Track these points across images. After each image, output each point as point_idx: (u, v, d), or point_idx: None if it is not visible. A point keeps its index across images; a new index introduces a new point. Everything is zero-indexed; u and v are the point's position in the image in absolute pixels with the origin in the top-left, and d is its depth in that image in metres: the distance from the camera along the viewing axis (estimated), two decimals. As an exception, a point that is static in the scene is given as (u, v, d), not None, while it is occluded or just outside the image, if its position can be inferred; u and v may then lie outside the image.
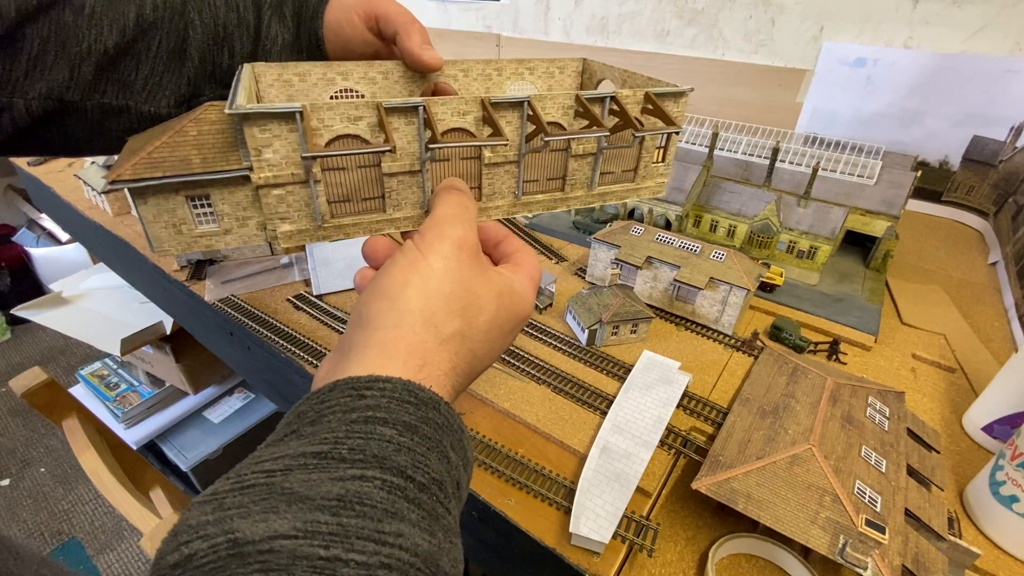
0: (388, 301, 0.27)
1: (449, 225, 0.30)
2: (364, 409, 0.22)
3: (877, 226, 0.82)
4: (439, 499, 0.22)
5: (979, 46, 0.97)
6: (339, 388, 0.24)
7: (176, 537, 0.18)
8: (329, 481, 0.19)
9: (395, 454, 0.21)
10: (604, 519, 0.43)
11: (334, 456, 0.20)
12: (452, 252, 0.29)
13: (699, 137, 0.98)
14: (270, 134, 0.28)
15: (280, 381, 0.70)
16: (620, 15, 1.39)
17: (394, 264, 0.29)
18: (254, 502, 0.18)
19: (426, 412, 0.24)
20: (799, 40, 1.15)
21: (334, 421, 0.22)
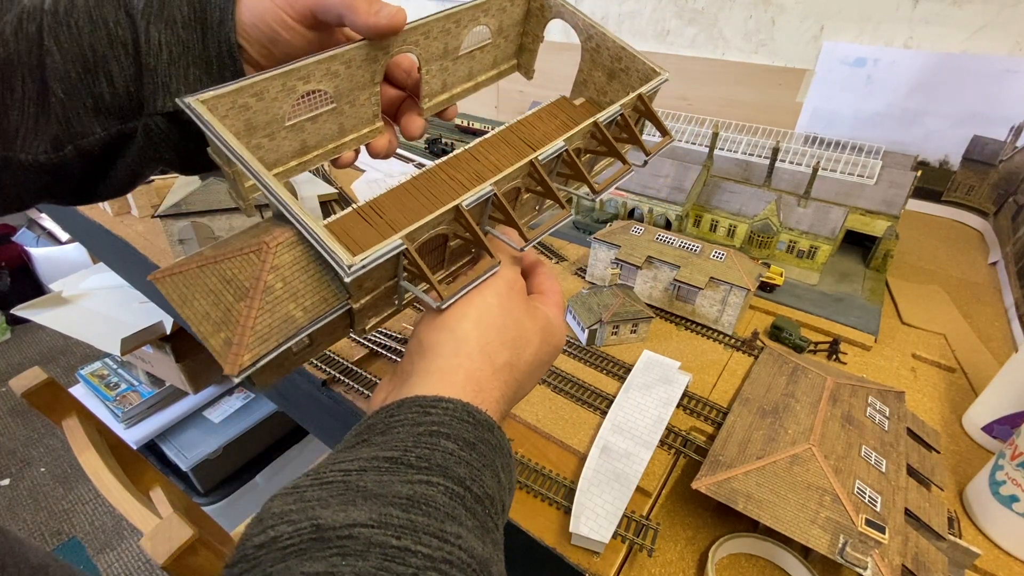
0: (447, 332, 0.29)
1: (503, 267, 0.32)
2: (430, 424, 0.25)
3: (877, 226, 0.82)
4: (490, 513, 0.24)
5: (979, 46, 0.97)
6: (407, 405, 0.26)
7: (261, 522, 0.19)
8: (399, 483, 0.22)
9: (456, 466, 0.23)
10: (604, 519, 0.43)
11: (403, 462, 0.23)
12: (504, 290, 0.31)
13: (699, 137, 0.98)
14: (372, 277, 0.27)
15: (280, 380, 0.70)
16: (620, 14, 1.39)
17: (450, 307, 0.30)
18: (332, 496, 0.20)
19: (482, 432, 0.26)
20: (799, 40, 1.15)
21: (403, 432, 0.24)
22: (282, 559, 0.18)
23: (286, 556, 0.18)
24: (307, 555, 0.18)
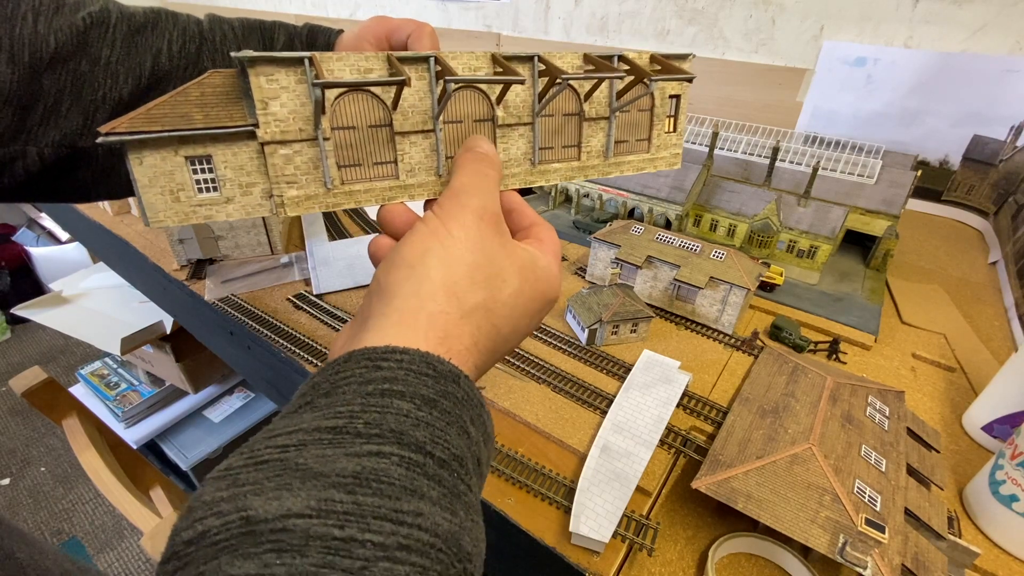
0: (407, 268, 0.26)
1: (468, 195, 0.29)
2: (380, 381, 0.22)
3: (877, 225, 0.82)
4: (460, 476, 0.21)
5: (979, 45, 0.97)
6: (355, 358, 0.23)
7: (191, 513, 0.17)
8: (344, 457, 0.19)
9: (413, 429, 0.20)
10: (604, 518, 0.43)
11: (349, 431, 0.20)
12: (473, 222, 0.28)
13: (699, 136, 0.98)
14: (277, 85, 0.27)
15: (280, 380, 0.70)
16: (620, 14, 1.39)
17: (414, 233, 0.28)
18: (268, 478, 0.18)
19: (445, 386, 0.23)
20: (799, 39, 1.15)
21: (349, 393, 0.21)
22: (214, 556, 0.16)
23: (218, 553, 0.16)
24: (238, 552, 0.16)
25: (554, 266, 0.32)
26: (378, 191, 0.31)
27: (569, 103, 0.35)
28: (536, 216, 0.34)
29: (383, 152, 0.31)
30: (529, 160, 0.36)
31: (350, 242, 0.88)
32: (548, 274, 0.31)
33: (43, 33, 0.33)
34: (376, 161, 0.31)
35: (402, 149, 0.31)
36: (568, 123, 0.36)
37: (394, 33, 0.39)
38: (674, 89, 0.39)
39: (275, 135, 0.28)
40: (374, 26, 0.39)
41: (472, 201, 0.28)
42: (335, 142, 0.30)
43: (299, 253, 0.86)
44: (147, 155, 0.26)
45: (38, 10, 0.33)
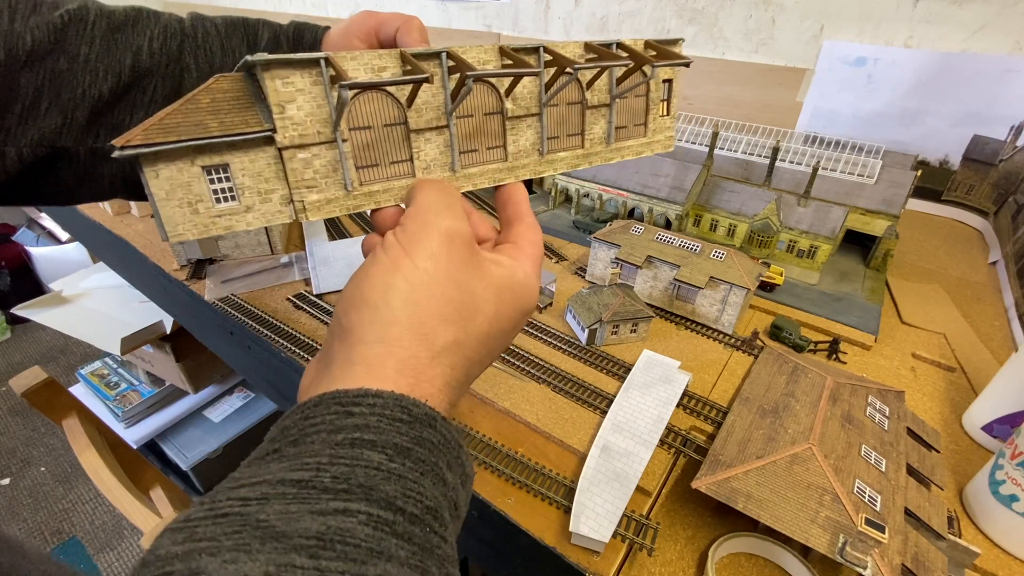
0: (369, 311, 0.24)
1: (434, 214, 0.26)
2: (351, 429, 0.20)
3: (877, 225, 0.82)
4: (433, 529, 0.20)
5: (979, 45, 0.97)
6: (325, 403, 0.22)
7: (144, 568, 0.16)
8: (309, 515, 0.17)
9: (384, 483, 0.19)
10: (604, 518, 0.43)
11: (315, 485, 0.19)
12: (441, 247, 0.26)
13: (699, 136, 0.98)
14: (293, 88, 0.26)
15: (280, 380, 0.70)
16: (620, 14, 1.39)
17: (374, 264, 0.26)
18: (226, 534, 0.17)
19: (420, 431, 0.22)
20: (799, 39, 1.15)
21: (318, 442, 0.20)
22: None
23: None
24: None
25: (532, 277, 0.30)
26: (396, 190, 0.31)
27: (573, 92, 0.36)
28: (525, 212, 0.33)
29: (399, 151, 0.31)
30: (538, 150, 0.36)
31: (350, 242, 0.88)
32: (525, 288, 0.29)
33: (19, 31, 0.33)
34: (392, 160, 0.31)
35: (417, 147, 0.31)
36: (571, 112, 0.36)
37: (382, 27, 0.38)
38: (667, 74, 0.40)
39: (293, 139, 0.27)
40: (362, 21, 0.39)
41: (440, 222, 0.26)
42: (352, 143, 0.29)
43: (299, 253, 0.86)
44: (163, 167, 0.25)
45: (15, 8, 0.33)
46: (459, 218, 0.27)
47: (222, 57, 0.38)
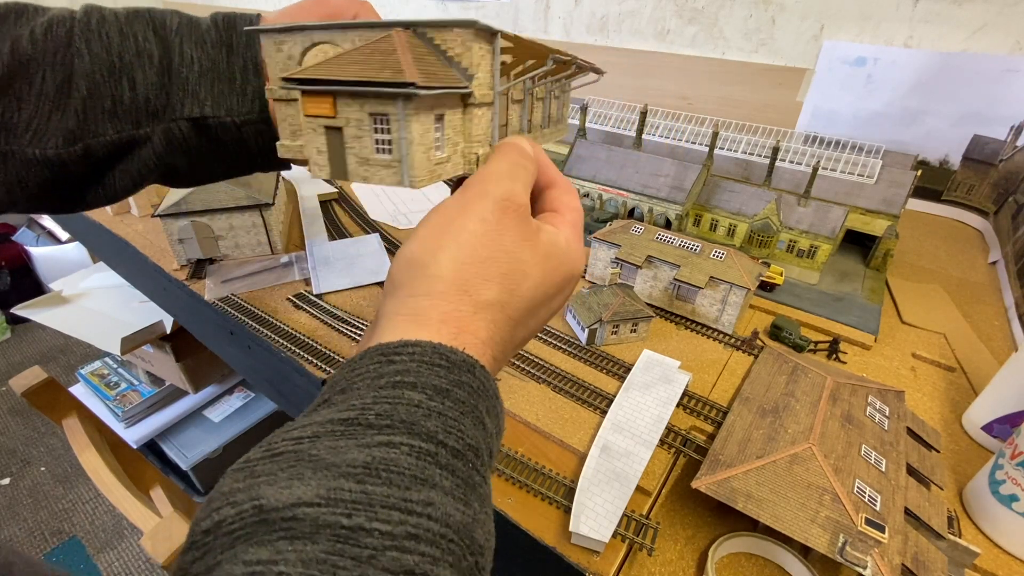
0: (419, 267, 0.25)
1: (495, 182, 0.27)
2: (392, 374, 0.22)
3: (877, 225, 0.82)
4: (475, 466, 0.21)
5: (979, 45, 0.97)
6: (368, 355, 0.23)
7: (209, 504, 0.18)
8: (356, 448, 0.19)
9: (424, 419, 0.20)
10: (604, 518, 0.43)
11: (361, 422, 0.20)
12: (493, 213, 0.27)
13: (699, 136, 0.98)
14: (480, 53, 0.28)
15: (280, 380, 0.70)
16: (620, 13, 1.39)
17: (428, 223, 0.27)
18: (282, 469, 0.18)
19: (459, 375, 0.23)
20: (799, 39, 1.15)
21: (362, 387, 0.22)
22: (230, 544, 0.16)
23: (233, 542, 0.16)
24: (253, 539, 0.16)
25: (574, 240, 0.30)
26: None
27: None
28: (556, 175, 0.33)
29: (503, 116, 0.33)
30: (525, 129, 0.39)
31: (350, 242, 0.88)
32: (569, 254, 0.30)
33: None
34: (501, 123, 0.33)
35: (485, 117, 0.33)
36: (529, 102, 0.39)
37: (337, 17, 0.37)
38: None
39: (476, 99, 0.29)
40: (311, 7, 0.37)
41: (497, 189, 0.27)
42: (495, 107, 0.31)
43: (299, 253, 0.86)
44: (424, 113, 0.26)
45: None
46: (519, 186, 0.28)
47: (120, 43, 0.34)
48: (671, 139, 1.00)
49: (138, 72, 0.34)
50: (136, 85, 0.34)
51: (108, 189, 0.36)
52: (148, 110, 0.35)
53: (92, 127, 0.34)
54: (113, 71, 0.34)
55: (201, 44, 0.36)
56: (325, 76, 0.25)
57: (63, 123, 0.33)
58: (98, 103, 0.33)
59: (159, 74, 0.35)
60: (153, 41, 0.35)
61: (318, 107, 0.26)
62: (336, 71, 0.25)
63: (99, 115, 0.34)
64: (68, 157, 0.33)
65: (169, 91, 0.35)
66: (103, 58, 0.33)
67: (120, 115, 0.34)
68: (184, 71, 0.35)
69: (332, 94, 0.25)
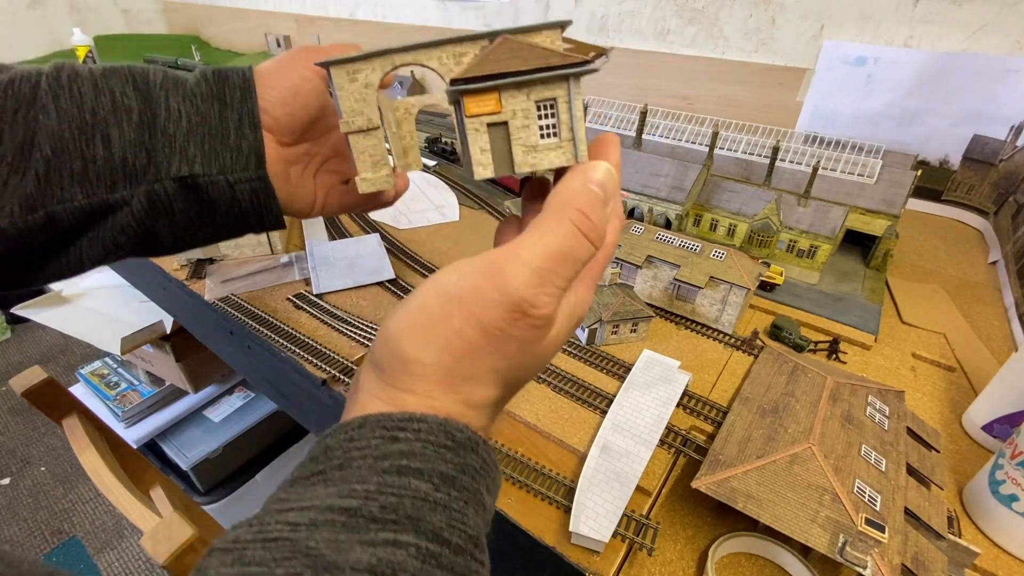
0: (400, 360, 0.23)
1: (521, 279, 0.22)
2: (397, 456, 0.20)
3: (877, 225, 0.82)
4: (474, 556, 0.20)
5: (979, 45, 0.97)
6: (370, 425, 0.21)
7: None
8: (359, 546, 0.18)
9: (430, 513, 0.19)
10: (604, 518, 0.43)
11: (364, 514, 0.19)
12: (501, 324, 0.22)
13: (699, 136, 0.98)
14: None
15: (280, 380, 0.70)
16: (620, 14, 1.39)
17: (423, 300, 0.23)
18: (276, 560, 0.17)
19: (464, 457, 0.21)
20: (799, 39, 1.15)
21: (364, 468, 0.20)
22: None
23: None
24: None
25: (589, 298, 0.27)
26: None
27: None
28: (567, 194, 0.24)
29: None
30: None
31: (350, 242, 0.88)
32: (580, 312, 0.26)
33: None
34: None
35: None
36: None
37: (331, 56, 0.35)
38: None
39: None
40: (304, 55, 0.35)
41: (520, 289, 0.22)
42: None
43: (299, 253, 0.86)
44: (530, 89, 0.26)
45: None
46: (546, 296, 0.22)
47: (95, 98, 0.30)
48: (671, 139, 1.00)
49: (114, 129, 0.30)
50: (112, 143, 0.30)
51: (73, 260, 0.32)
52: (125, 171, 0.30)
53: (56, 192, 0.29)
54: (84, 129, 0.29)
55: (190, 98, 0.32)
56: (491, 72, 0.24)
57: (21, 188, 0.28)
58: (65, 164, 0.29)
59: (139, 131, 0.30)
60: (133, 96, 0.31)
61: (483, 105, 0.25)
62: (496, 67, 0.25)
63: (65, 178, 0.29)
64: (26, 226, 0.28)
65: (151, 149, 0.31)
66: (73, 115, 0.29)
67: (92, 178, 0.30)
68: (171, 126, 0.31)
69: (497, 89, 0.25)
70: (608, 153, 0.27)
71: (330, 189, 0.38)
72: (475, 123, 0.26)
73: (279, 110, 0.33)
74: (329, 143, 0.38)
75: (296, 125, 0.34)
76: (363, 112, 0.29)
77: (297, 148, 0.36)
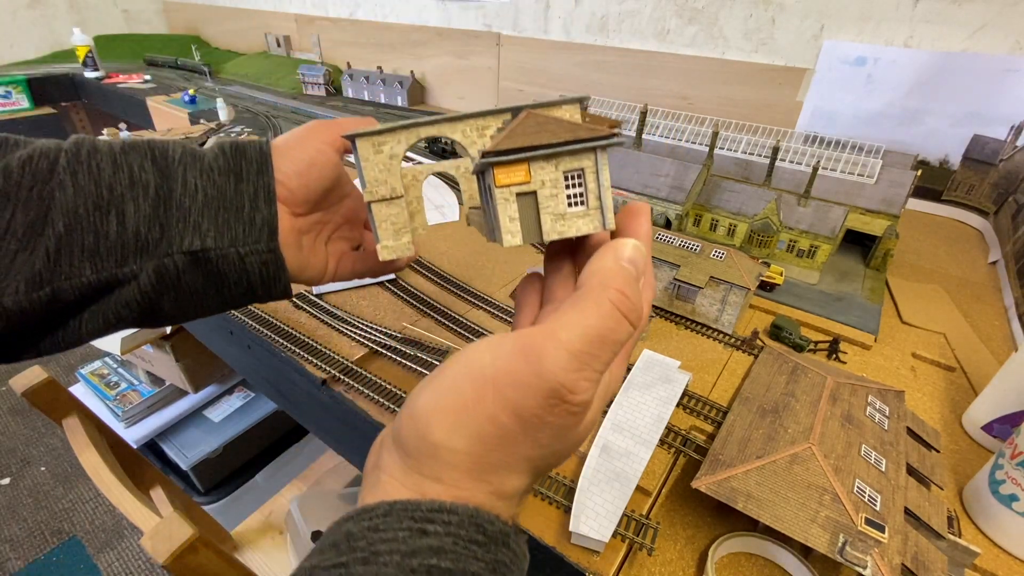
0: (428, 444, 0.21)
1: (558, 363, 0.20)
2: (426, 553, 0.19)
3: (877, 225, 0.82)
4: None
5: (979, 45, 0.97)
6: (396, 514, 0.20)
7: None
8: None
9: None
10: (604, 518, 0.43)
11: None
12: (538, 411, 0.21)
13: (699, 136, 0.98)
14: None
15: (280, 380, 0.70)
16: (620, 13, 1.39)
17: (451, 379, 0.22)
18: None
19: (496, 553, 0.20)
20: (799, 39, 1.15)
21: (391, 565, 0.19)
22: None
23: None
24: None
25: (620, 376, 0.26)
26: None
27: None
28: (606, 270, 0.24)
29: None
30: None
31: (350, 242, 0.88)
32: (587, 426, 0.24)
33: None
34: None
35: None
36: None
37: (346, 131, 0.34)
38: None
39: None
40: (321, 129, 0.36)
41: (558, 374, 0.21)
42: None
43: (299, 253, 0.86)
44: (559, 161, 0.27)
45: None
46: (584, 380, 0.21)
47: (113, 173, 0.29)
48: (671, 139, 1.00)
49: (129, 204, 0.29)
50: (126, 218, 0.29)
51: (71, 335, 0.31)
52: (137, 245, 0.30)
53: (65, 268, 0.28)
54: (100, 204, 0.29)
55: (207, 172, 0.32)
56: (522, 145, 0.26)
57: (29, 264, 0.27)
58: (77, 240, 0.28)
59: (154, 205, 0.30)
60: (151, 171, 0.31)
61: (512, 176, 0.26)
62: (526, 140, 0.26)
63: (76, 254, 0.28)
64: (29, 304, 0.27)
65: (165, 223, 0.30)
66: (90, 191, 0.29)
67: (102, 253, 0.29)
68: (186, 201, 0.31)
69: (527, 160, 0.26)
70: (639, 225, 0.27)
71: (342, 256, 0.39)
72: (504, 193, 0.26)
73: (294, 181, 0.34)
74: (341, 211, 0.38)
75: (311, 196, 0.35)
76: (387, 182, 0.30)
77: (310, 217, 0.36)
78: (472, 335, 0.65)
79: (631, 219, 0.27)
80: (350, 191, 0.39)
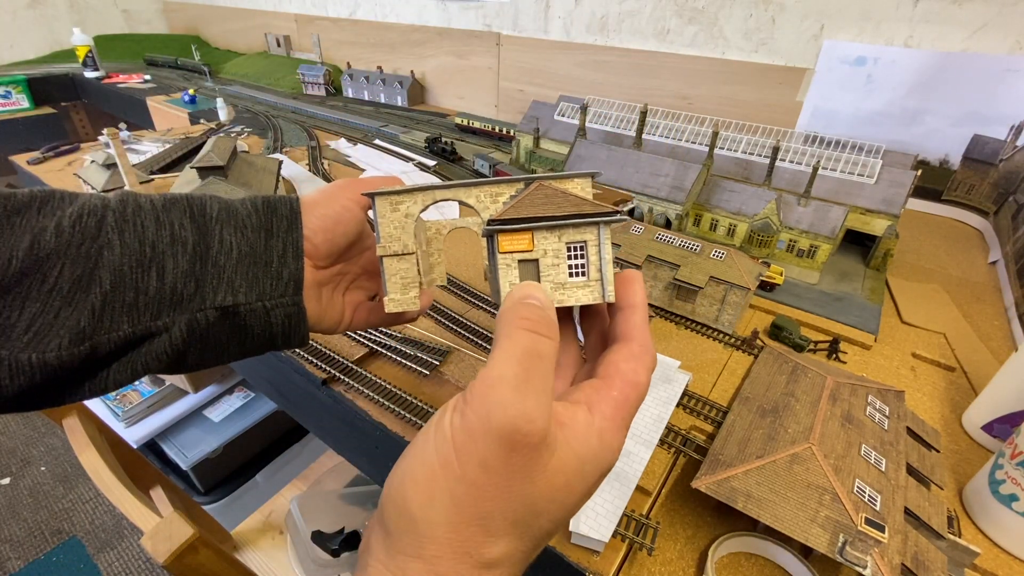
0: (407, 520, 0.21)
1: (499, 405, 0.21)
2: None
3: (877, 225, 0.82)
4: None
5: (979, 45, 0.97)
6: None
7: None
8: None
9: None
10: (604, 518, 0.43)
11: None
12: (498, 457, 0.21)
13: (699, 136, 0.98)
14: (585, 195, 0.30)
15: (280, 380, 0.70)
16: (620, 13, 1.39)
17: (420, 455, 0.22)
18: None
19: None
20: (799, 38, 1.15)
21: None
22: None
23: None
24: None
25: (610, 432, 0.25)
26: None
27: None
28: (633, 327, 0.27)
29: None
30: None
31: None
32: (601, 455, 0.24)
33: None
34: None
35: None
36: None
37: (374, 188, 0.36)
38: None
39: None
40: (347, 186, 0.37)
41: (503, 417, 0.21)
42: None
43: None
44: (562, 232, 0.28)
45: None
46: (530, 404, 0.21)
47: (156, 231, 0.31)
48: (671, 139, 1.00)
49: (168, 260, 0.31)
50: (165, 274, 0.30)
51: (98, 384, 0.31)
52: (173, 300, 0.31)
53: (107, 323, 0.29)
54: (142, 262, 0.30)
55: (241, 230, 0.33)
56: (526, 215, 0.27)
57: (74, 320, 0.28)
58: (119, 297, 0.29)
59: (191, 262, 0.31)
60: (190, 228, 0.32)
61: (516, 243, 0.28)
62: (532, 211, 0.27)
63: (117, 309, 0.29)
64: (70, 358, 0.28)
65: (200, 279, 0.32)
66: (134, 248, 0.30)
67: (140, 307, 0.30)
68: (221, 258, 0.32)
69: (531, 230, 0.27)
70: (633, 293, 0.28)
71: (358, 306, 0.40)
72: (507, 259, 0.28)
73: (320, 237, 0.35)
74: (360, 262, 0.40)
75: (334, 250, 0.37)
76: (400, 238, 0.32)
77: (331, 269, 0.38)
78: (472, 335, 0.65)
79: (626, 287, 0.28)
80: (371, 244, 0.40)
